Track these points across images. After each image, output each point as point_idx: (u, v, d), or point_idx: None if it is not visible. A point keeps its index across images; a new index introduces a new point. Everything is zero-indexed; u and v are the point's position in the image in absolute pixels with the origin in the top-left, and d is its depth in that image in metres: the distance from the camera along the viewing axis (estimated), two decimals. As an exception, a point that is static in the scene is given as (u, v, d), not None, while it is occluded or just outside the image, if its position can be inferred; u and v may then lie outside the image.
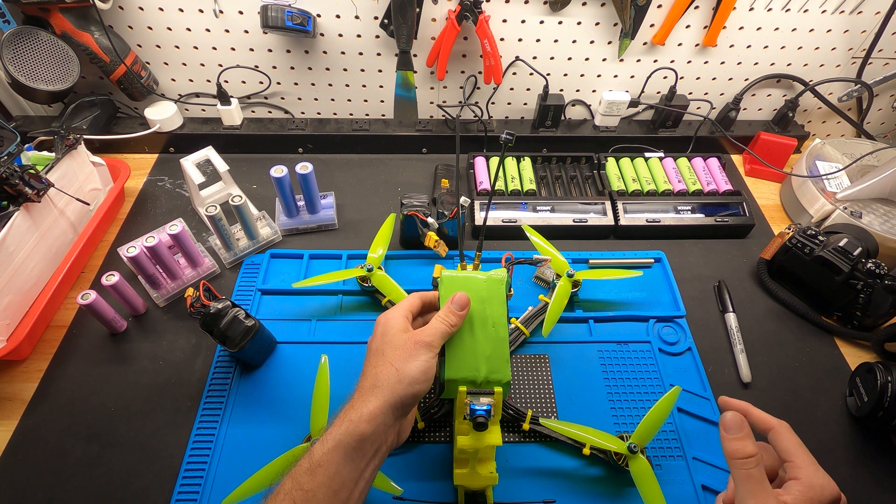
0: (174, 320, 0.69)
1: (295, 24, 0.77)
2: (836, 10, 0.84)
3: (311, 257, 0.77)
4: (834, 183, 0.85)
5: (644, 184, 0.86)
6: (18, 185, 0.62)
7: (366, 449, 0.42)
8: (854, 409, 0.63)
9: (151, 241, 0.65)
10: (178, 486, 0.55)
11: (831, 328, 0.72)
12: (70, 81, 0.80)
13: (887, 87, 0.94)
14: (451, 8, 0.80)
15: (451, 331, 0.47)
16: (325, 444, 0.41)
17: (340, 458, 0.40)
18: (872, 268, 0.66)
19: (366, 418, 0.41)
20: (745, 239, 0.83)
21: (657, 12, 0.83)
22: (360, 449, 0.41)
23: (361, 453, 0.41)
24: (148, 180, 0.88)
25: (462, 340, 0.48)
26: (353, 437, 0.41)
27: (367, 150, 0.95)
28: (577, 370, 0.66)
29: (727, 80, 0.94)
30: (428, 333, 0.46)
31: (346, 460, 0.40)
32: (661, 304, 0.73)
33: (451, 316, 0.47)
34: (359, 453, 0.41)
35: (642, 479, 0.51)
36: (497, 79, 0.85)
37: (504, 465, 0.57)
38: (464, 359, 0.48)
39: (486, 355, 0.48)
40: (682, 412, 0.62)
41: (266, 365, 0.65)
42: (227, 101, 0.90)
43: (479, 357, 0.48)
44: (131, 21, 0.82)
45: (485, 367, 0.48)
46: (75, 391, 0.63)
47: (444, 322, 0.47)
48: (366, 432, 0.41)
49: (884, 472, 0.60)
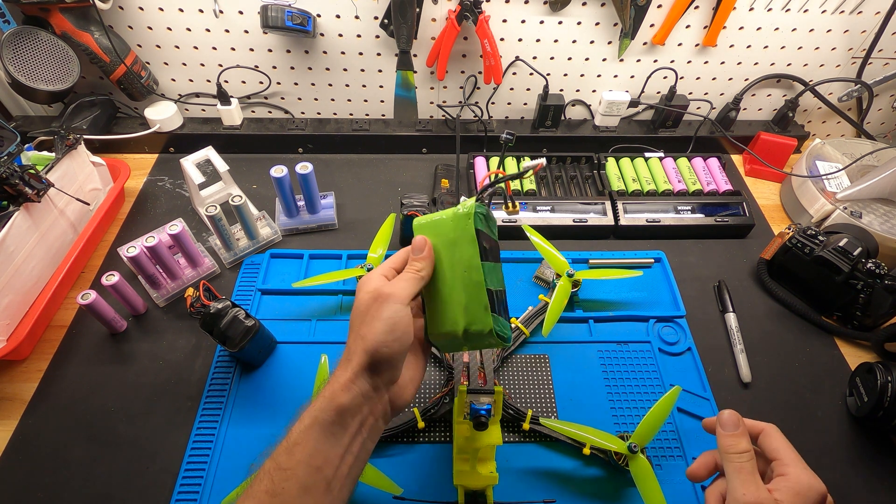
0: (174, 320, 0.69)
1: (295, 24, 0.77)
2: (836, 10, 0.84)
3: (311, 257, 0.77)
4: (834, 183, 0.85)
5: (644, 184, 0.86)
6: (18, 185, 0.62)
7: (346, 422, 0.40)
8: (854, 409, 0.63)
9: (151, 241, 0.65)
10: (178, 486, 0.55)
11: (831, 328, 0.72)
12: (70, 81, 0.80)
13: (887, 87, 0.94)
14: (451, 8, 0.80)
15: (417, 277, 0.43)
16: (301, 422, 0.40)
17: (318, 433, 0.39)
18: (872, 268, 0.66)
19: (339, 389, 0.40)
20: (745, 239, 0.83)
21: (657, 12, 0.83)
22: (340, 423, 0.39)
23: (342, 426, 0.39)
24: (148, 180, 0.88)
25: (437, 292, 0.44)
26: (328, 411, 0.39)
27: (367, 150, 0.95)
28: (577, 370, 0.66)
29: (727, 80, 0.94)
30: (389, 285, 0.42)
31: (324, 435, 0.39)
32: (661, 304, 0.73)
33: (413, 263, 0.43)
34: (339, 427, 0.39)
35: (642, 479, 0.51)
36: (497, 79, 0.85)
37: (504, 465, 0.57)
38: (442, 313, 0.44)
39: (463, 304, 0.43)
40: (682, 412, 0.62)
41: (266, 365, 0.65)
42: (227, 101, 0.90)
43: (455, 308, 0.43)
44: (131, 21, 0.82)
45: (462, 319, 0.42)
46: (75, 391, 0.63)
47: (408, 270, 0.43)
48: (343, 404, 0.39)
49: (884, 472, 0.59)
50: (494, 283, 0.42)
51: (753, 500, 0.40)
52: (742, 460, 0.42)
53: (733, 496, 0.41)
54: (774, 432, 0.45)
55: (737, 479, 0.42)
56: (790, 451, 0.44)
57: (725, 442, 0.44)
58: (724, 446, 0.44)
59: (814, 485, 0.41)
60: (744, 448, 0.43)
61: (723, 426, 0.44)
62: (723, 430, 0.44)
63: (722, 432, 0.44)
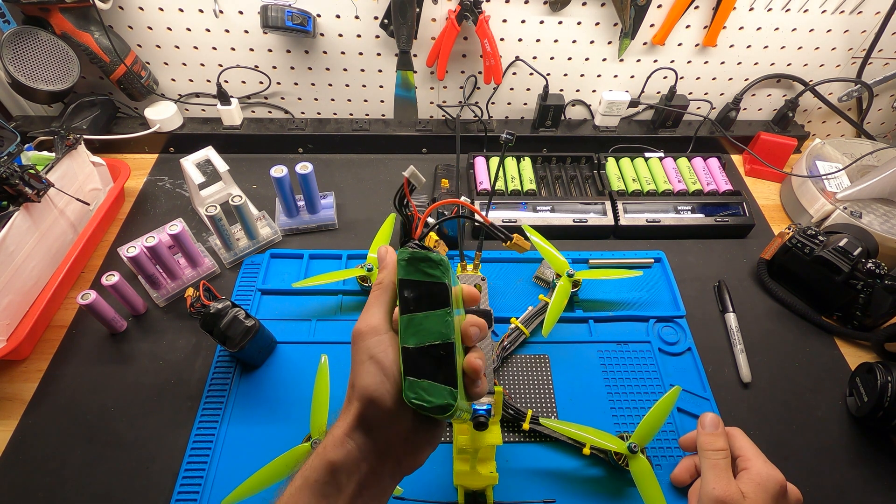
0: (174, 320, 0.69)
1: (295, 24, 0.77)
2: (836, 10, 0.84)
3: (311, 257, 0.77)
4: (834, 183, 0.85)
5: (644, 184, 0.86)
6: (18, 185, 0.62)
7: (341, 482, 0.34)
8: (854, 409, 0.63)
9: (151, 241, 0.65)
10: (178, 486, 0.55)
11: (831, 328, 0.72)
12: (70, 81, 0.80)
13: (887, 87, 0.94)
14: (451, 8, 0.80)
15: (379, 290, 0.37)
16: (293, 483, 0.36)
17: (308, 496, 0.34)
18: (872, 268, 0.66)
19: (331, 444, 0.35)
20: (745, 239, 0.83)
21: (657, 12, 0.83)
22: (334, 483, 0.34)
23: (336, 487, 0.34)
24: (148, 180, 0.88)
25: None
26: (319, 470, 0.34)
27: (367, 150, 0.95)
28: (577, 370, 0.66)
29: (727, 80, 0.94)
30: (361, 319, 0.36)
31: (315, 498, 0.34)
32: (661, 304, 0.73)
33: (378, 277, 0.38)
34: (332, 488, 0.34)
35: (642, 479, 0.51)
36: (497, 79, 0.85)
37: (504, 465, 0.57)
38: None
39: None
40: (682, 412, 0.62)
41: (266, 365, 0.65)
42: (227, 101, 0.90)
43: None
44: (131, 21, 0.82)
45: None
46: (75, 391, 0.63)
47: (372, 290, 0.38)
48: (335, 461, 0.34)
49: (884, 472, 0.59)
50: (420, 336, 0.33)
51: (722, 493, 0.44)
52: (717, 457, 0.47)
53: (705, 490, 0.46)
54: (739, 433, 0.50)
55: (711, 474, 0.46)
56: (752, 448, 0.49)
57: (704, 440, 0.49)
58: (702, 444, 0.49)
59: (773, 475, 0.46)
60: (720, 446, 0.48)
61: (703, 426, 0.50)
62: (703, 430, 0.50)
63: (702, 431, 0.50)
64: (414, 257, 0.34)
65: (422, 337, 0.33)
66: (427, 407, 0.32)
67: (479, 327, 0.37)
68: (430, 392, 0.32)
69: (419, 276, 0.34)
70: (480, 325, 0.37)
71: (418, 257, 0.34)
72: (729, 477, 0.46)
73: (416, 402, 0.32)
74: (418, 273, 0.34)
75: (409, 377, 0.33)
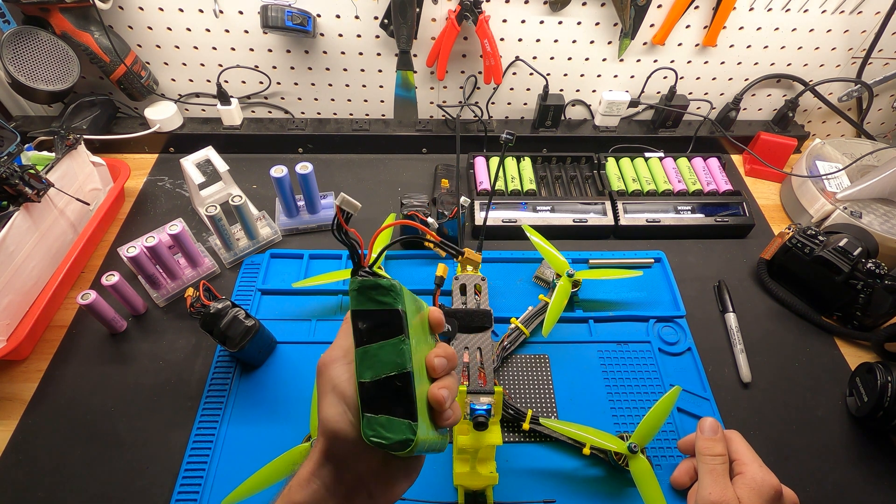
0: (174, 320, 0.69)
1: (295, 24, 0.77)
2: (836, 10, 0.84)
3: (311, 257, 0.77)
4: (834, 183, 0.85)
5: (644, 184, 0.86)
6: (18, 185, 0.62)
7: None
8: (854, 409, 0.63)
9: (151, 241, 0.65)
10: (178, 486, 0.55)
11: (831, 328, 0.72)
12: (70, 81, 0.80)
13: (887, 87, 0.94)
14: (451, 8, 0.80)
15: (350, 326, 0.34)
16: None
17: None
18: (872, 268, 0.66)
19: (296, 485, 0.33)
20: (745, 239, 0.83)
21: (657, 12, 0.83)
22: None
23: None
24: (148, 180, 0.88)
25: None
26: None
27: (367, 150, 0.95)
28: (577, 370, 0.66)
29: (727, 80, 0.94)
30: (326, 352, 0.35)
31: None
32: (661, 304, 0.73)
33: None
34: None
35: (642, 479, 0.51)
36: (497, 79, 0.85)
37: (504, 465, 0.57)
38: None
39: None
40: (682, 412, 0.62)
41: (266, 365, 0.65)
42: (227, 101, 0.90)
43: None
44: (131, 21, 0.82)
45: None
46: (75, 391, 0.63)
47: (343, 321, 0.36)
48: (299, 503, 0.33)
49: (884, 472, 0.59)
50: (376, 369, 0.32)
51: (718, 498, 0.45)
52: (715, 462, 0.47)
53: (701, 494, 0.46)
54: (737, 437, 0.51)
55: (708, 479, 0.47)
56: (749, 452, 0.49)
57: (703, 445, 0.49)
58: (700, 448, 0.49)
59: (767, 479, 0.46)
60: (719, 452, 0.48)
61: (702, 431, 0.50)
62: (702, 434, 0.50)
63: (701, 436, 0.50)
64: (363, 286, 0.32)
65: (377, 369, 0.31)
66: (386, 444, 0.30)
67: (447, 357, 0.35)
68: (388, 428, 0.31)
69: (371, 304, 0.32)
70: (448, 356, 0.35)
71: (367, 285, 0.32)
72: (726, 482, 0.46)
73: (374, 440, 0.30)
74: (370, 302, 0.32)
75: (366, 414, 0.31)
